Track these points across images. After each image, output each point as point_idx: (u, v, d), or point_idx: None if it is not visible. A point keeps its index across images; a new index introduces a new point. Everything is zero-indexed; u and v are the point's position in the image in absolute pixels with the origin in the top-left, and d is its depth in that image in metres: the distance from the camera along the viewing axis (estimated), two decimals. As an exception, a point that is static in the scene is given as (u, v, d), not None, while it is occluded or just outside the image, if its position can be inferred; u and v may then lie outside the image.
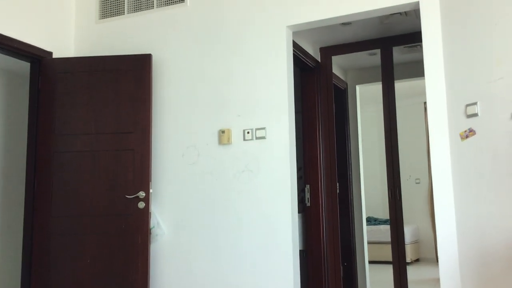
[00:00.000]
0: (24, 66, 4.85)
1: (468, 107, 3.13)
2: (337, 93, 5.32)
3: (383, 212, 7.66)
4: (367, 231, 5.64)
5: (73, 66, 4.01)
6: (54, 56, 4.18)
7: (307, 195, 4.52)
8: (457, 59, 3.23)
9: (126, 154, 3.85)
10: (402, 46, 4.72)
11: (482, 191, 3.03)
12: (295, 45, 4.14)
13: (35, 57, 4.02)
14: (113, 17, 4.36)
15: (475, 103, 3.09)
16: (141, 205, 3.76)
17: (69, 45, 4.39)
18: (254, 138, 3.73)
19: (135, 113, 3.89)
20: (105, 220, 3.81)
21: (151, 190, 3.85)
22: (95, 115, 3.92)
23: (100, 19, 4.39)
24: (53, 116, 3.94)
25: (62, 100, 3.96)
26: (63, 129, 3.93)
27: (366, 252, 5.36)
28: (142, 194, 3.78)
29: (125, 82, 3.94)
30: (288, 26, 3.76)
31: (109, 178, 3.84)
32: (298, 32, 4.18)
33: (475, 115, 3.08)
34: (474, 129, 3.10)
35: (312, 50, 4.68)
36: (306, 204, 4.53)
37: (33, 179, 3.90)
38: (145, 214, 3.77)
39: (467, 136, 3.13)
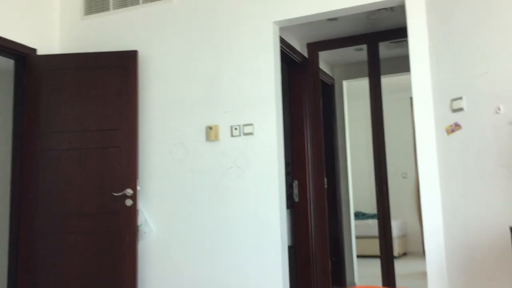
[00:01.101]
0: (8, 63, 4.78)
1: (453, 102, 3.16)
2: (324, 88, 5.34)
3: (371, 207, 7.71)
4: (355, 226, 5.67)
5: (58, 63, 3.96)
6: (38, 53, 4.12)
7: (295, 191, 4.53)
8: (443, 54, 3.25)
9: (113, 151, 3.83)
10: (388, 42, 4.74)
11: (468, 185, 3.06)
12: (282, 41, 4.14)
13: (20, 54, 3.96)
14: (98, 13, 4.31)
15: (460, 98, 3.12)
16: (129, 202, 3.74)
17: (54, 42, 4.34)
18: (242, 134, 3.73)
19: (122, 110, 3.86)
20: (92, 218, 3.78)
21: (138, 188, 3.83)
22: (81, 113, 3.89)
23: (85, 15, 4.35)
24: (38, 114, 3.90)
25: (48, 97, 3.92)
26: (49, 127, 3.89)
27: (354, 247, 5.40)
28: (129, 191, 3.75)
29: (111, 79, 3.91)
30: (275, 22, 3.75)
31: (96, 176, 3.81)
32: (285, 27, 4.18)
33: (461, 109, 3.11)
34: (459, 123, 3.13)
35: (299, 45, 4.69)
36: (294, 199, 4.54)
37: (19, 178, 3.86)
38: (133, 211, 3.75)
39: (453, 131, 3.16)
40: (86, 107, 3.89)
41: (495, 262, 2.92)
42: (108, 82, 3.90)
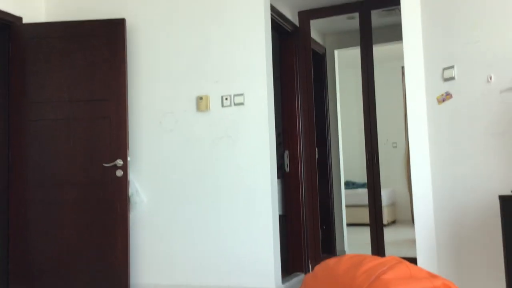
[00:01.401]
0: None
1: (445, 71, 3.15)
2: (316, 58, 5.28)
3: (361, 176, 7.76)
4: (345, 195, 5.72)
5: (44, 31, 3.88)
6: (24, 21, 4.02)
7: (286, 161, 4.54)
8: (435, 23, 3.22)
9: (102, 122, 3.79)
10: (380, 10, 4.68)
11: (458, 154, 3.08)
12: (273, 9, 4.06)
13: (4, 22, 3.86)
14: (84, -20, 4.20)
15: (452, 67, 3.11)
16: (119, 173, 3.73)
17: (40, 10, 4.23)
18: (233, 104, 3.70)
19: (110, 80, 3.80)
20: (83, 188, 3.77)
21: (128, 158, 3.82)
22: (69, 82, 3.83)
23: (71, -18, 4.23)
24: (25, 84, 3.84)
25: (34, 67, 3.85)
26: (36, 97, 3.83)
27: (344, 215, 5.46)
28: (119, 162, 3.74)
29: (98, 48, 3.84)
30: (266, -11, 3.68)
31: (86, 147, 3.78)
32: (276, -5, 4.10)
33: (452, 78, 3.10)
34: (450, 92, 3.12)
35: (290, 14, 4.61)
36: (285, 169, 4.56)
37: (7, 149, 3.83)
38: (123, 182, 3.74)
39: (443, 100, 3.16)
40: (74, 77, 3.83)
41: (483, 229, 2.97)
42: (96, 51, 3.83)
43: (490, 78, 2.91)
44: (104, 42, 3.84)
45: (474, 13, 2.99)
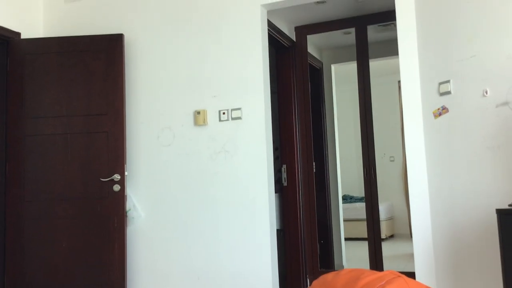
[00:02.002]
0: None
1: (441, 85, 3.17)
2: (313, 72, 5.32)
3: (359, 190, 7.75)
4: (343, 209, 5.72)
5: (42, 47, 3.90)
6: (22, 36, 4.05)
7: (284, 175, 4.54)
8: (431, 38, 3.25)
9: (100, 137, 3.79)
10: (376, 25, 4.72)
11: (455, 168, 3.08)
12: (270, 24, 4.10)
13: (3, 38, 3.88)
14: (83, -4, 4.23)
15: (448, 81, 3.13)
16: (117, 187, 3.72)
17: (38, 26, 4.26)
18: (230, 118, 3.71)
19: (108, 94, 3.82)
20: (80, 203, 3.76)
21: (126, 173, 3.81)
22: (67, 97, 3.84)
23: (70, -2, 4.26)
24: (23, 99, 3.84)
25: (32, 82, 3.86)
26: (34, 112, 3.83)
27: (342, 229, 5.44)
28: (117, 176, 3.73)
29: (96, 63, 3.85)
30: (263, 5, 3.72)
31: (83, 161, 3.78)
32: (273, 10, 4.14)
33: (448, 92, 3.12)
34: (447, 106, 3.14)
35: (287, 29, 4.65)
36: (283, 183, 4.55)
37: (4, 164, 3.82)
38: (121, 197, 3.73)
39: (440, 114, 3.17)
40: (71, 92, 3.84)
41: (481, 243, 2.96)
42: (93, 66, 3.85)
43: (486, 92, 2.93)
44: (102, 57, 3.86)
45: (470, 27, 3.02)
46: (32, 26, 4.20)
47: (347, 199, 7.67)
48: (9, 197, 3.77)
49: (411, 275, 3.51)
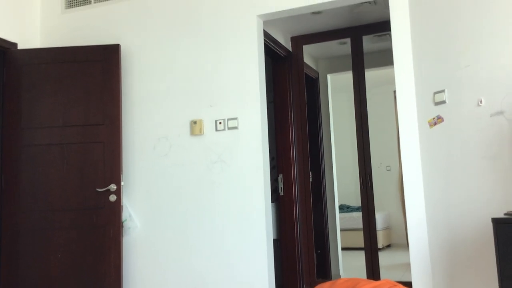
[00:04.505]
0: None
1: (436, 95, 3.19)
2: (309, 82, 5.34)
3: (355, 200, 7.76)
4: (340, 219, 5.72)
5: (39, 57, 3.90)
6: (19, 47, 4.05)
7: (280, 185, 4.54)
8: (425, 48, 3.27)
9: (96, 147, 3.79)
10: (372, 35, 4.76)
11: (451, 177, 3.10)
12: (266, 34, 4.13)
13: (0, 48, 3.90)
14: (79, 7, 4.25)
15: (442, 91, 3.15)
16: (113, 198, 3.71)
17: (34, 36, 4.27)
18: (227, 128, 3.72)
19: (104, 104, 3.82)
20: (76, 214, 3.74)
21: (122, 183, 3.81)
22: (63, 108, 3.84)
23: (66, 8, 4.29)
24: (19, 109, 3.84)
25: (28, 92, 3.86)
26: (30, 122, 3.83)
27: (339, 239, 5.43)
28: (113, 187, 3.72)
29: (93, 73, 3.86)
30: (259, 16, 3.74)
31: (79, 171, 3.77)
32: (269, 21, 4.17)
33: (443, 102, 3.14)
34: (442, 116, 3.16)
35: (283, 39, 4.68)
36: (279, 193, 4.55)
37: (0, 174, 3.80)
38: (117, 207, 3.72)
39: (435, 123, 3.19)
40: (68, 102, 3.84)
41: (477, 252, 2.96)
42: (90, 77, 3.86)
43: (481, 101, 2.95)
44: (98, 68, 3.86)
45: (464, 37, 3.05)
46: (28, 36, 4.21)
47: (343, 208, 7.67)
48: (5, 208, 3.76)
49: (408, 284, 3.50)
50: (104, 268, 3.67)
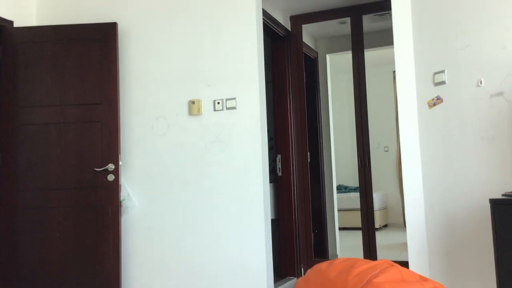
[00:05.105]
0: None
1: (436, 75, 3.17)
2: (308, 62, 5.31)
3: (353, 180, 7.79)
4: (338, 199, 5.75)
5: (35, 35, 3.86)
6: (15, 25, 4.01)
7: (278, 165, 4.55)
8: (426, 28, 3.24)
9: (94, 126, 3.77)
10: (372, 15, 4.71)
11: (449, 158, 3.10)
12: (265, 13, 4.08)
13: (-6, 26, 3.85)
14: (76, -16, 4.19)
15: (442, 71, 3.13)
16: (111, 177, 3.71)
17: (31, 14, 4.22)
18: (225, 108, 3.70)
19: (102, 84, 3.79)
20: (74, 193, 3.75)
21: (120, 163, 3.80)
22: (60, 87, 3.81)
23: (62, -14, 4.22)
24: (15, 88, 3.81)
25: (25, 71, 3.83)
26: (26, 101, 3.81)
27: (336, 219, 5.47)
28: (111, 166, 3.72)
29: (90, 52, 3.82)
30: (258, -6, 3.69)
31: (77, 151, 3.76)
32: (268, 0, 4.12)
33: (443, 83, 3.13)
34: (441, 96, 3.14)
35: (282, 18, 4.63)
36: (277, 173, 4.56)
37: (-3, 153, 3.80)
38: (115, 186, 3.72)
39: (434, 104, 3.18)
40: (65, 81, 3.81)
41: (474, 233, 2.98)
42: (87, 55, 3.82)
43: (481, 82, 2.94)
44: (95, 46, 3.83)
45: (464, 18, 3.02)
46: (25, 14, 4.15)
47: (341, 189, 7.71)
48: (2, 187, 3.76)
49: (405, 264, 3.54)
50: (103, 247, 3.69)
